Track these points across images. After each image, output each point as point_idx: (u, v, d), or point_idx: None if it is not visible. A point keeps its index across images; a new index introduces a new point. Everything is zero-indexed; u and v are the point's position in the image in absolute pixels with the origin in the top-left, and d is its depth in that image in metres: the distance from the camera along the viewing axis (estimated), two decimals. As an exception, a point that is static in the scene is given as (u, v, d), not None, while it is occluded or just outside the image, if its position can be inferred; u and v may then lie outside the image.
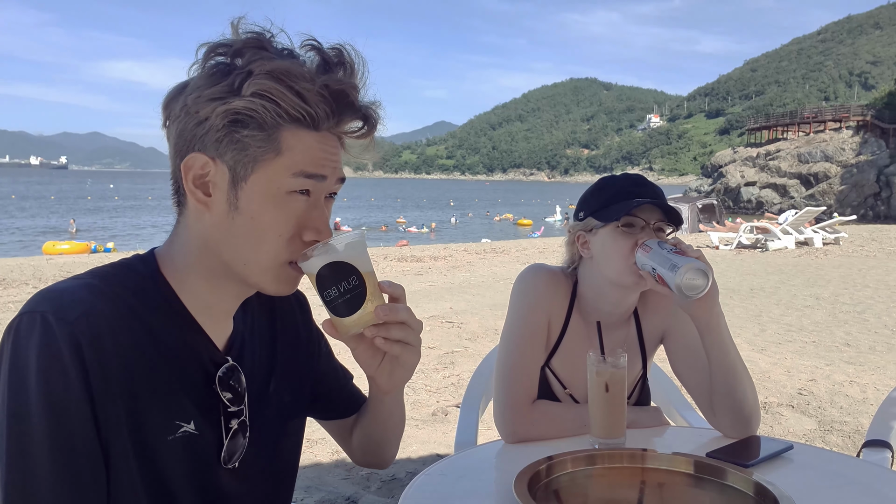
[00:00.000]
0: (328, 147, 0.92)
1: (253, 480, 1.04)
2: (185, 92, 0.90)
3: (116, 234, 29.03)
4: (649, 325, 1.65)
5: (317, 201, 0.94)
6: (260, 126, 0.88)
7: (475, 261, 13.07)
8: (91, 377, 0.83)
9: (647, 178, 1.60)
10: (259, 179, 0.90)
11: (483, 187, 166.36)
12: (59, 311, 0.83)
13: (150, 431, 0.90)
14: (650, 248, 1.41)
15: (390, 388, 1.04)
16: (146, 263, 0.97)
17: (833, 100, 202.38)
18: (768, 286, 9.67)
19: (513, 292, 1.63)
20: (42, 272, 10.33)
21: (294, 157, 0.90)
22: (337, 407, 1.27)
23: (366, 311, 0.92)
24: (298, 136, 0.90)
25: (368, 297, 0.92)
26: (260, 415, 1.05)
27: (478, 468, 1.40)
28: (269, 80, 0.86)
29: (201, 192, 0.91)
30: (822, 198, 44.22)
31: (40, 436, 0.81)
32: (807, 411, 4.25)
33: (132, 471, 0.88)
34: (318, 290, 0.92)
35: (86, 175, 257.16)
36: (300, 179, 0.90)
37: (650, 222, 1.49)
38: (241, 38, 0.89)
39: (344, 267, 0.91)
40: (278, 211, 0.91)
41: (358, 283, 0.91)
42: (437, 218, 41.15)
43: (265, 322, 1.12)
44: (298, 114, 0.88)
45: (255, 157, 0.89)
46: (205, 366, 0.97)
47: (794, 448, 1.39)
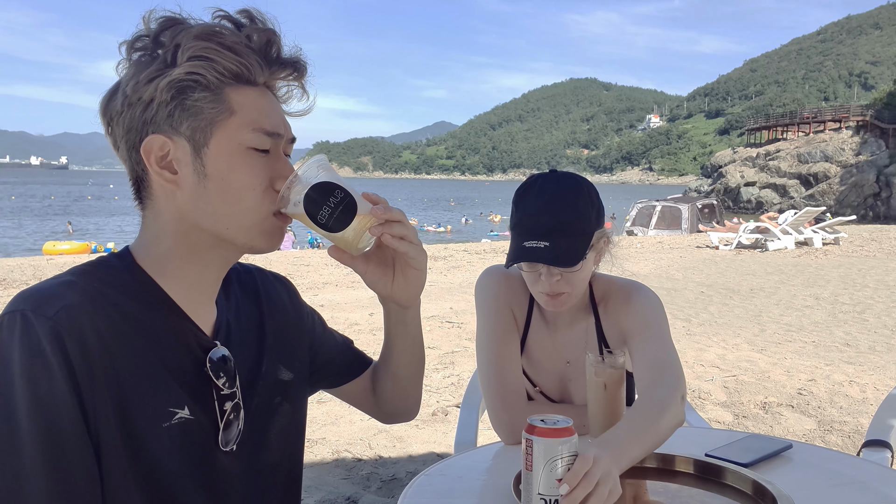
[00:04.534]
0: (272, 103, 0.96)
1: (251, 463, 1.04)
2: (120, 88, 0.92)
3: (115, 234, 29.00)
4: (609, 323, 1.59)
5: (278, 155, 0.96)
6: (206, 87, 0.90)
7: (475, 261, 13.07)
8: (76, 369, 0.83)
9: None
10: (220, 141, 0.92)
11: (483, 187, 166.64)
12: (38, 307, 0.84)
13: (142, 420, 0.90)
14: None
15: (410, 299, 1.08)
16: (121, 258, 0.98)
17: (833, 100, 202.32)
18: (768, 286, 9.67)
19: (477, 299, 1.63)
20: (42, 272, 10.32)
21: (248, 114, 0.93)
22: (344, 370, 1.28)
23: (361, 215, 0.95)
24: (243, 93, 0.93)
25: (359, 203, 0.95)
26: (254, 396, 1.05)
27: (478, 468, 1.40)
28: (201, 41, 0.89)
29: (168, 172, 0.92)
30: (821, 198, 44.22)
31: (29, 434, 0.81)
32: (806, 411, 4.25)
33: (124, 461, 0.88)
34: (311, 219, 0.94)
35: (86, 175, 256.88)
36: (260, 136, 0.93)
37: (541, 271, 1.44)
38: (157, 22, 0.91)
39: (325, 186, 0.93)
40: (246, 167, 0.93)
41: (344, 195, 0.94)
42: (440, 218, 41.17)
43: (251, 306, 1.12)
44: (236, 67, 0.91)
45: (210, 119, 0.91)
46: (193, 351, 0.97)
47: (793, 447, 1.39)
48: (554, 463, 1.01)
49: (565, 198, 1.44)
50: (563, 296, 1.47)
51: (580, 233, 1.43)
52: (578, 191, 1.45)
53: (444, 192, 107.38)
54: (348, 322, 6.71)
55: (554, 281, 1.45)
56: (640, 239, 18.88)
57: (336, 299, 8.25)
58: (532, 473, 1.02)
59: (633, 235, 20.44)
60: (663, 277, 10.68)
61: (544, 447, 1.01)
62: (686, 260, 13.28)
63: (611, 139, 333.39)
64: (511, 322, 1.60)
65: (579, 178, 1.50)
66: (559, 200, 1.43)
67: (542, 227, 1.41)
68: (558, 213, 1.42)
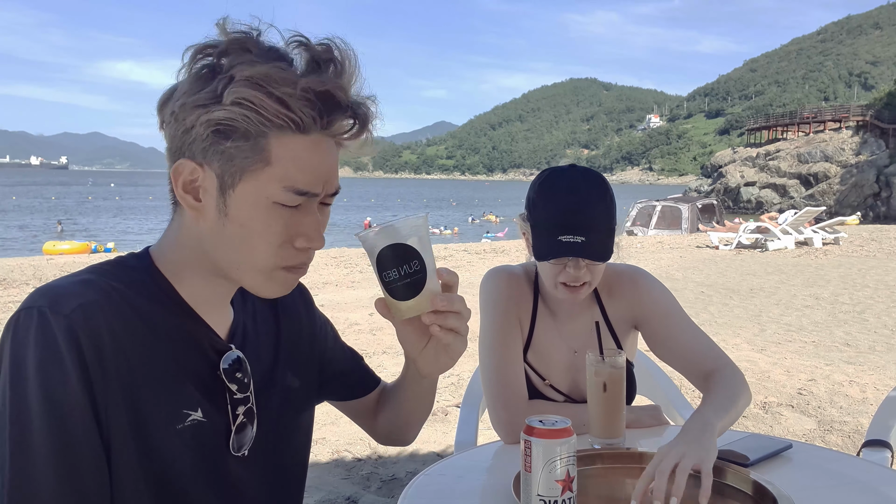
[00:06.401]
0: (320, 153, 0.90)
1: (263, 469, 1.04)
2: (173, 97, 0.89)
3: (114, 234, 28.99)
4: (615, 310, 1.65)
5: (308, 210, 0.92)
6: (244, 136, 0.86)
7: (475, 261, 13.06)
8: (90, 368, 0.84)
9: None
10: (247, 188, 0.88)
11: (483, 187, 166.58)
12: (54, 304, 0.84)
13: (155, 421, 0.90)
14: None
15: (432, 373, 1.06)
16: (140, 259, 0.98)
17: (833, 100, 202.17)
18: (768, 286, 9.66)
19: (481, 298, 1.65)
20: (42, 272, 10.32)
21: (285, 167, 0.87)
22: (351, 388, 1.27)
23: (423, 297, 0.91)
24: (286, 143, 0.87)
25: (427, 284, 0.91)
26: (267, 402, 1.05)
27: (478, 468, 1.41)
28: (249, 88, 0.84)
29: (191, 198, 0.91)
30: (821, 198, 44.22)
31: (40, 430, 0.82)
32: (806, 411, 4.25)
33: (135, 460, 0.88)
34: (377, 270, 0.92)
35: (87, 175, 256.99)
36: (289, 195, 0.88)
37: (573, 264, 1.49)
38: (226, 39, 0.87)
39: (407, 250, 0.90)
40: (268, 219, 0.89)
41: (419, 269, 0.90)
42: (442, 218, 41.15)
43: (268, 311, 1.12)
44: (282, 121, 0.86)
45: (242, 167, 0.88)
46: (207, 353, 0.97)
47: (793, 447, 1.39)
48: (553, 464, 1.01)
49: (596, 194, 1.50)
50: (584, 287, 1.52)
51: (610, 227, 1.50)
52: (604, 187, 1.52)
53: (444, 192, 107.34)
54: (348, 322, 6.70)
55: (581, 273, 1.50)
56: (640, 239, 18.87)
57: (336, 299, 8.25)
58: (531, 475, 1.02)
59: (633, 235, 20.43)
60: (663, 277, 10.68)
61: (543, 448, 1.01)
62: (686, 260, 13.27)
63: (611, 139, 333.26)
64: (515, 323, 1.63)
65: (599, 174, 1.56)
66: (592, 197, 1.49)
67: (578, 223, 1.45)
68: (593, 210, 1.48)
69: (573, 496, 1.03)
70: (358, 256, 13.03)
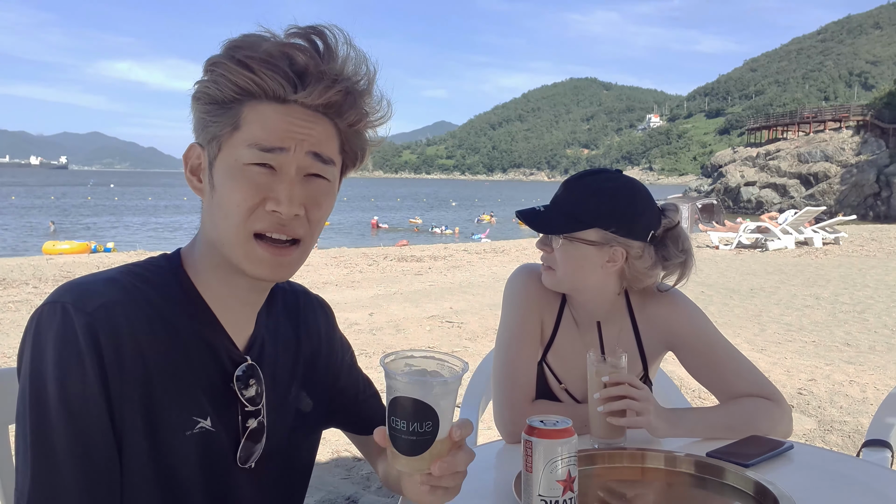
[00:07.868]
0: (295, 118, 0.89)
1: (267, 483, 1.04)
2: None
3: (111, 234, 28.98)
4: (648, 330, 1.63)
5: (284, 175, 0.90)
6: (214, 101, 0.89)
7: (475, 261, 13.07)
8: (107, 366, 0.84)
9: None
10: (223, 156, 0.91)
11: (483, 187, 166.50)
12: (78, 301, 0.85)
13: (166, 424, 0.90)
14: None
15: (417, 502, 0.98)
16: (170, 260, 0.98)
17: (833, 100, 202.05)
18: (768, 286, 9.66)
19: (504, 295, 1.64)
20: (42, 272, 10.33)
21: (251, 130, 0.89)
22: (354, 424, 1.25)
23: (424, 459, 0.85)
24: (259, 109, 0.89)
25: (432, 448, 0.85)
26: (279, 418, 1.04)
27: (478, 468, 1.39)
28: (219, 56, 0.88)
29: (196, 180, 0.94)
30: (821, 198, 44.22)
31: (58, 424, 0.83)
32: (807, 411, 4.25)
33: (145, 460, 0.89)
34: (388, 411, 0.85)
35: (87, 175, 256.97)
36: (254, 152, 0.88)
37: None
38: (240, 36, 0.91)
39: (426, 411, 0.83)
40: (236, 182, 0.89)
41: (430, 432, 0.84)
42: (444, 219, 41.12)
43: (290, 328, 1.10)
44: (248, 85, 0.87)
45: (215, 133, 0.90)
46: (222, 363, 0.97)
47: (793, 448, 1.39)
48: (554, 464, 1.01)
49: (586, 184, 1.52)
50: (549, 271, 1.56)
51: (574, 215, 1.49)
52: (602, 185, 1.51)
53: (444, 192, 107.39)
54: (348, 322, 6.70)
55: (543, 254, 1.56)
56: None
57: (336, 299, 8.25)
58: (532, 475, 1.02)
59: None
60: (663, 277, 10.67)
61: (544, 448, 1.01)
62: (686, 260, 13.25)
63: (611, 139, 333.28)
64: (536, 324, 1.61)
65: (622, 182, 1.53)
66: (581, 185, 1.52)
67: (553, 198, 1.53)
68: (569, 192, 1.52)
69: (574, 496, 1.03)
70: (358, 256, 13.02)
